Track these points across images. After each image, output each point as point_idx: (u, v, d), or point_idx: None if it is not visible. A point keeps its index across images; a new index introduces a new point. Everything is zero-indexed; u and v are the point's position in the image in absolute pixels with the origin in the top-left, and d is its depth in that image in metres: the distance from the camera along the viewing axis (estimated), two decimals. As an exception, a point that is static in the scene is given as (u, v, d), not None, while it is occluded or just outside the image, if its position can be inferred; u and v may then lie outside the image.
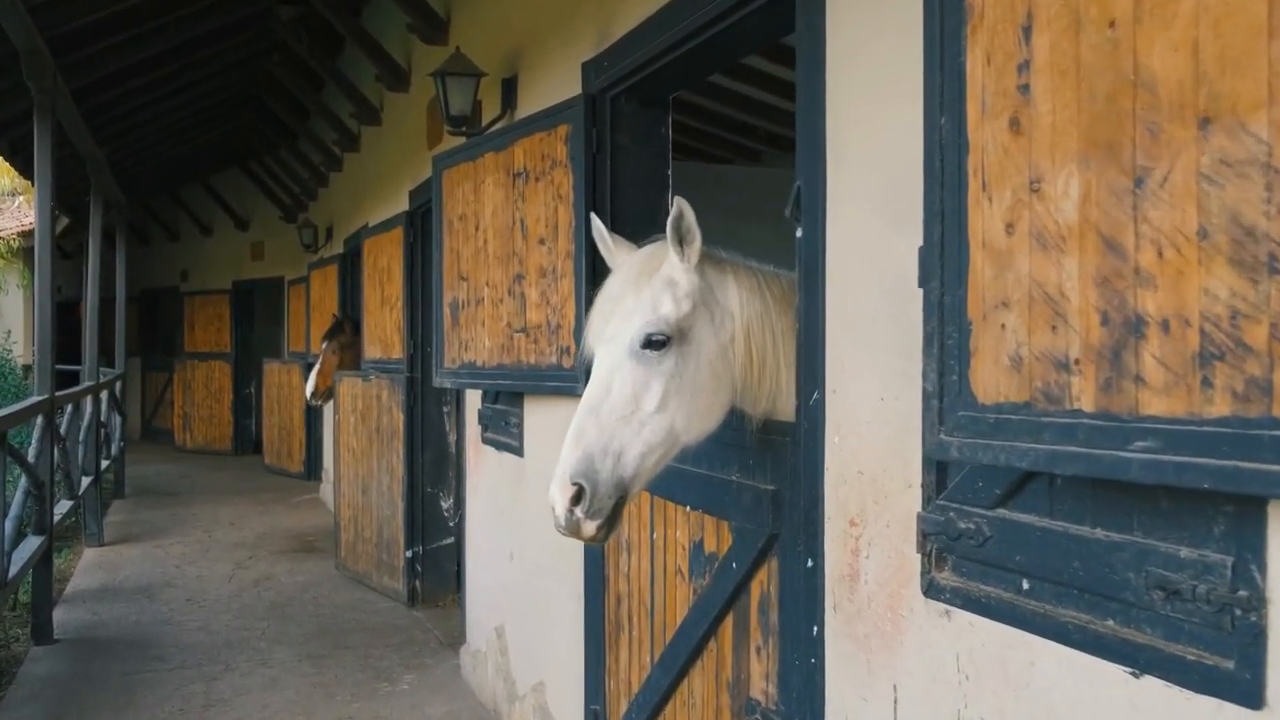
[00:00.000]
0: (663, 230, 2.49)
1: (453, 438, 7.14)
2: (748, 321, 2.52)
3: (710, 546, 2.93)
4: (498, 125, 4.77)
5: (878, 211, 2.21)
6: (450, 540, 7.12)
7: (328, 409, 10.18)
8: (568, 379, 3.82)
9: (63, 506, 7.63)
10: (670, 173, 3.84)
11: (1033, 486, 1.76)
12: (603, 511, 2.31)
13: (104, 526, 9.41)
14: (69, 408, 8.25)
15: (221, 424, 16.14)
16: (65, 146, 8.47)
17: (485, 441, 5.21)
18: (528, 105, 4.57)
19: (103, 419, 10.41)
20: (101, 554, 8.82)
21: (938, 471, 2.02)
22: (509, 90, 4.78)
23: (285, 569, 8.22)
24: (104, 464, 10.15)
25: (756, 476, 2.69)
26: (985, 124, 1.62)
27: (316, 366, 9.07)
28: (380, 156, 8.39)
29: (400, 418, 7.02)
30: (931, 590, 2.02)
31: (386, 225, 7.39)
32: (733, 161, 9.01)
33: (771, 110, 7.53)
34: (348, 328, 9.15)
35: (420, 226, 6.93)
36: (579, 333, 3.76)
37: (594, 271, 3.74)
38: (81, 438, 9.01)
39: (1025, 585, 1.77)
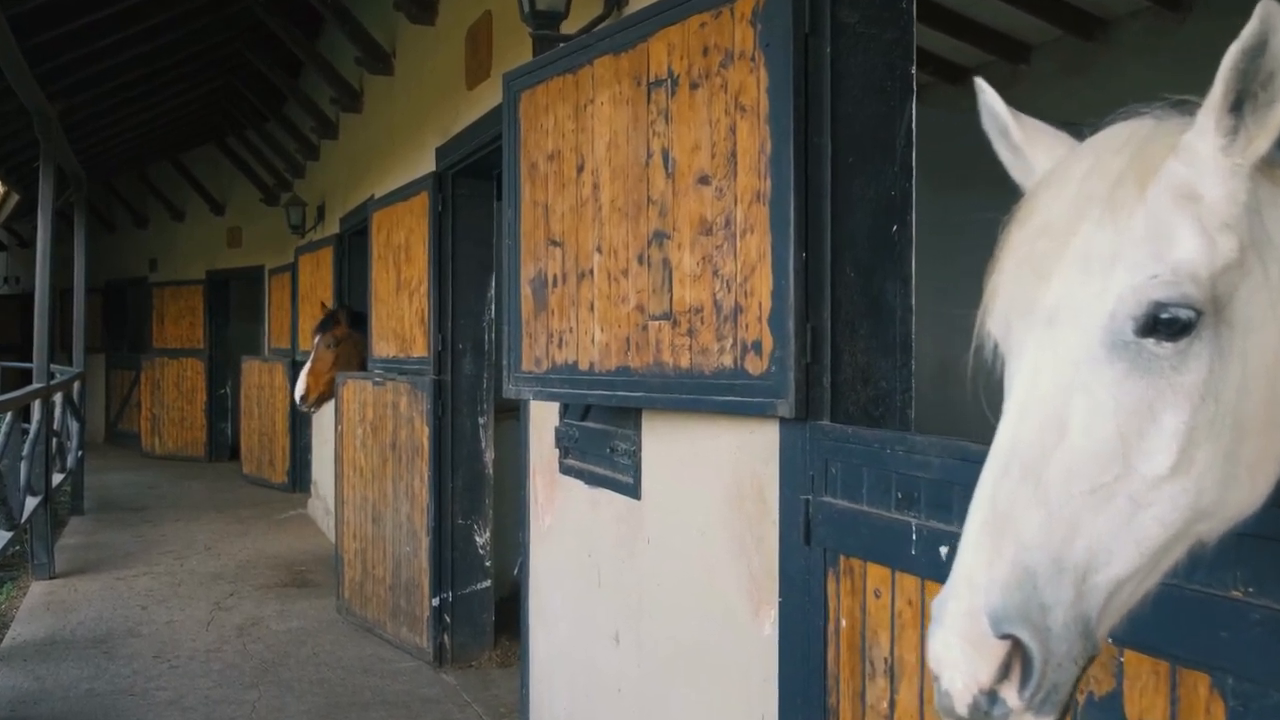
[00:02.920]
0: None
1: (489, 456, 5.75)
2: None
3: (1140, 711, 1.58)
4: (602, 27, 3.38)
5: None
6: (487, 584, 5.72)
7: (322, 415, 8.71)
8: (755, 391, 2.45)
9: (-1, 539, 6.15)
10: (915, 72, 2.49)
11: None
12: (1059, 696, 1.01)
13: (55, 554, 7.90)
14: (8, 417, 6.75)
15: (194, 428, 14.68)
16: (8, 98, 6.98)
17: (566, 471, 3.82)
18: (648, -3, 3.19)
19: (55, 426, 8.87)
20: (52, 589, 7.34)
21: None
22: (616, -21, 3.40)
23: (275, 610, 6.78)
24: (57, 479, 8.63)
25: (1322, 601, 1.34)
26: None
27: (307, 365, 7.56)
28: (393, 111, 6.95)
29: (424, 431, 5.61)
30: None
31: (404, 193, 5.97)
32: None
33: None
34: (343, 319, 7.65)
35: (452, 190, 5.53)
36: (778, 320, 2.38)
37: (806, 221, 2.38)
38: (27, 451, 7.50)
39: None
